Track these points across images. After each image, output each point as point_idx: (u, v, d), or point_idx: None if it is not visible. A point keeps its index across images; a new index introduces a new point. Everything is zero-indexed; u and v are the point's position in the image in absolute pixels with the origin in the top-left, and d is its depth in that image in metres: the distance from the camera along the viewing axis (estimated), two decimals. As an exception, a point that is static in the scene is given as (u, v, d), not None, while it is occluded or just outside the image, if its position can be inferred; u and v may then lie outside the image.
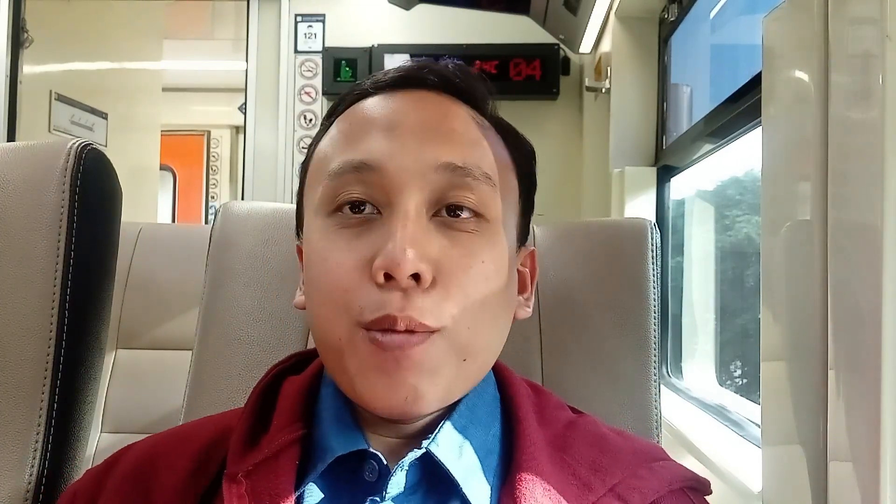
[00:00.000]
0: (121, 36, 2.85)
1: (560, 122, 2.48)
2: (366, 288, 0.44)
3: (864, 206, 0.50)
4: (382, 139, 0.47)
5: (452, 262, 0.45)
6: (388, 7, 2.27)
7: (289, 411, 0.50)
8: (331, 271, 0.45)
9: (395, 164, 0.45)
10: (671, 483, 0.48)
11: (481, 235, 0.47)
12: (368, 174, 0.46)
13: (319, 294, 0.47)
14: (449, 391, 0.46)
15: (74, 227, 0.65)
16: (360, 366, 0.44)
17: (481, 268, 0.46)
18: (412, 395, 0.43)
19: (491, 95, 0.53)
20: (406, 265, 0.42)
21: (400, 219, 0.44)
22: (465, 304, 0.45)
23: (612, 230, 0.76)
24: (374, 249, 0.44)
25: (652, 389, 0.71)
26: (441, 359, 0.44)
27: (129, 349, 1.41)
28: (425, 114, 0.48)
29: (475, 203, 0.46)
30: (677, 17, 1.62)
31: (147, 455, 0.51)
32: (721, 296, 1.55)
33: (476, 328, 0.45)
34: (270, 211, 0.78)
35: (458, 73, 0.51)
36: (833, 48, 0.55)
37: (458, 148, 0.47)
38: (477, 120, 0.50)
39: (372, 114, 0.49)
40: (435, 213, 0.46)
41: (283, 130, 2.58)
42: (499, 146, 0.51)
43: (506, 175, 0.50)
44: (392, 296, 0.43)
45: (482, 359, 0.48)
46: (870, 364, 0.48)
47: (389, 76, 0.51)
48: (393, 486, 0.45)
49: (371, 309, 0.43)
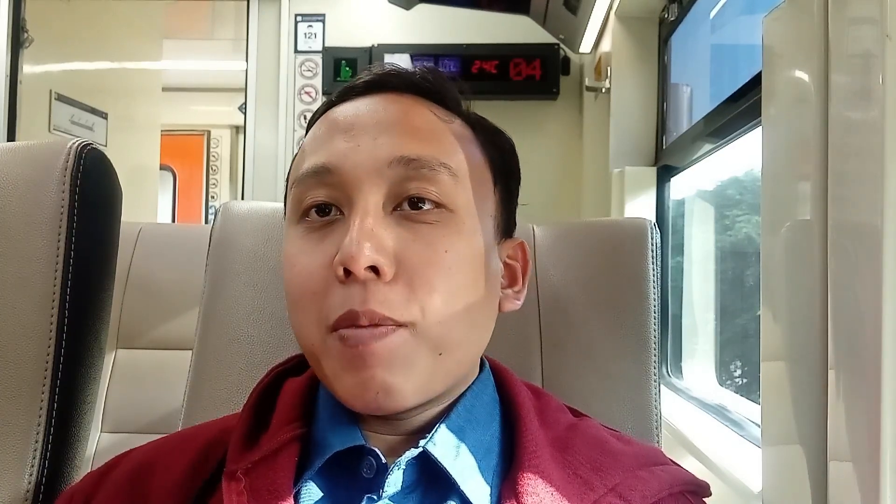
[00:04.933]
0: (121, 36, 2.85)
1: (560, 122, 2.48)
2: (332, 288, 0.44)
3: (864, 206, 0.50)
4: (341, 141, 0.47)
5: (414, 254, 0.45)
6: (388, 7, 2.27)
7: (288, 410, 0.50)
8: (299, 276, 0.46)
9: (351, 163, 0.46)
10: (671, 486, 0.49)
11: (444, 226, 0.47)
12: (328, 176, 0.47)
13: (292, 300, 0.48)
14: (426, 385, 0.46)
15: (74, 227, 0.65)
16: (334, 367, 0.45)
17: (444, 257, 0.46)
18: (383, 391, 0.44)
19: (464, 95, 0.54)
20: (361, 258, 0.42)
21: (357, 215, 0.45)
22: (432, 296, 0.45)
23: (612, 230, 0.76)
24: (338, 248, 0.44)
25: (652, 389, 0.71)
26: (412, 353, 0.44)
27: (129, 349, 1.41)
28: (383, 113, 0.49)
29: (436, 194, 0.47)
30: (677, 17, 1.62)
31: (146, 458, 0.51)
32: (721, 296, 1.55)
33: (448, 322, 0.45)
34: (270, 211, 0.78)
35: (424, 75, 0.52)
36: (833, 48, 0.55)
37: (414, 141, 0.47)
38: (442, 116, 0.51)
39: (336, 119, 0.50)
40: (396, 207, 0.47)
41: (283, 130, 2.58)
42: (468, 141, 0.52)
43: (476, 169, 0.51)
44: (354, 291, 0.43)
45: (461, 352, 0.48)
46: (870, 364, 0.48)
47: (353, 83, 0.52)
48: (390, 484, 0.45)
49: (335, 308, 0.44)
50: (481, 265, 0.49)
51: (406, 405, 0.45)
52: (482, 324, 0.50)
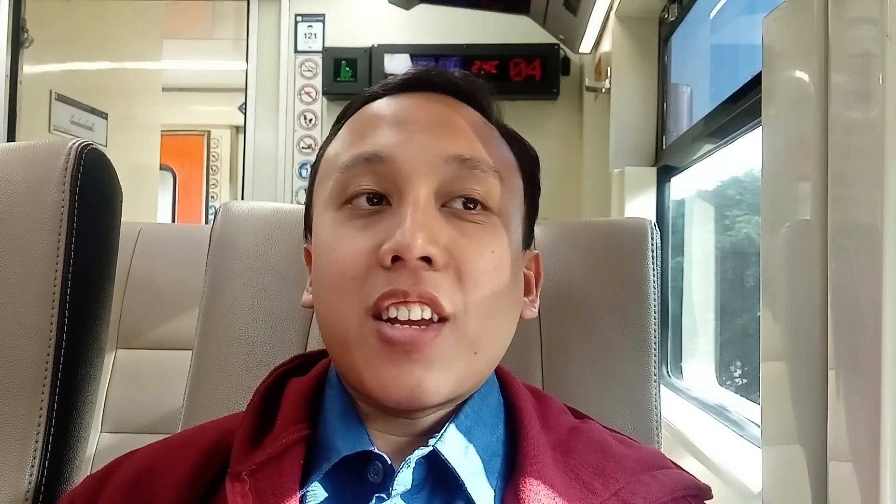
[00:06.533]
0: (121, 36, 2.85)
1: (560, 122, 2.48)
2: (373, 274, 0.44)
3: (864, 206, 0.50)
4: (392, 133, 0.48)
5: (464, 250, 0.45)
6: (388, 7, 2.27)
7: (293, 411, 0.50)
8: (339, 260, 0.46)
9: (406, 155, 0.46)
10: (673, 491, 0.49)
11: (489, 227, 0.47)
12: (379, 165, 0.47)
13: (327, 284, 0.47)
14: (458, 385, 0.46)
15: (74, 227, 0.65)
16: (368, 356, 0.44)
17: (491, 257, 0.46)
18: (419, 388, 0.43)
19: (495, 102, 0.54)
20: (416, 248, 0.42)
21: (410, 206, 0.45)
22: (477, 293, 0.45)
23: (613, 230, 0.76)
24: (384, 238, 0.44)
25: (652, 389, 0.71)
26: (453, 352, 0.44)
27: (129, 349, 1.41)
28: (434, 110, 0.50)
29: (483, 195, 0.47)
30: (677, 17, 1.62)
31: (148, 461, 0.51)
32: (721, 296, 1.55)
33: (487, 319, 0.46)
34: (270, 211, 0.78)
35: (465, 79, 0.53)
36: (833, 48, 0.55)
37: (467, 142, 0.48)
38: (484, 123, 0.52)
39: (382, 112, 0.50)
40: (444, 204, 0.47)
41: (283, 130, 2.58)
42: (504, 148, 0.53)
43: (511, 175, 0.52)
44: (401, 275, 0.43)
45: (491, 352, 0.48)
46: (870, 364, 0.48)
47: (398, 79, 0.52)
48: (399, 483, 0.45)
49: (378, 288, 0.44)
50: (516, 270, 0.50)
51: (436, 402, 0.45)
52: (510, 327, 0.50)
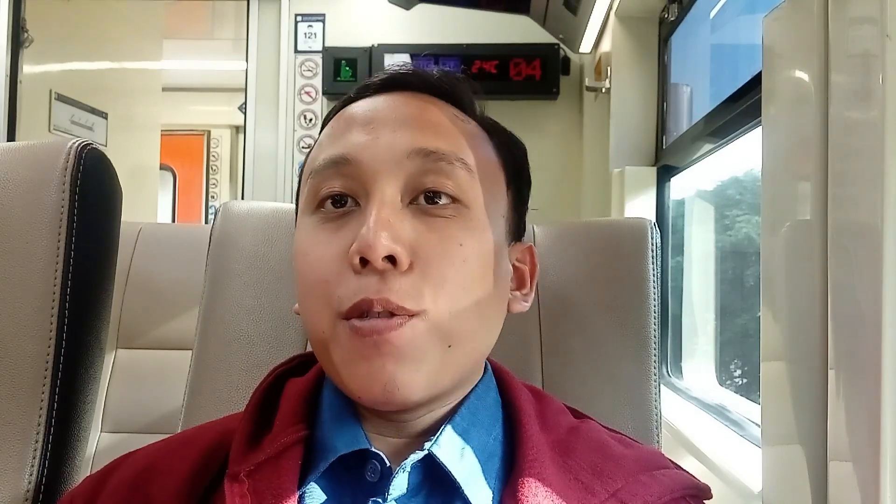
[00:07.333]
0: (120, 36, 2.84)
1: (560, 122, 2.48)
2: (345, 277, 0.45)
3: (864, 206, 0.50)
4: (360, 134, 0.48)
5: (429, 246, 0.45)
6: (388, 7, 2.27)
7: (292, 412, 0.50)
8: (312, 264, 0.47)
9: (369, 154, 0.47)
10: (673, 491, 0.49)
11: (459, 220, 0.47)
12: (346, 167, 0.47)
13: (304, 289, 0.48)
14: (435, 379, 0.45)
15: (74, 227, 0.65)
16: (343, 355, 0.45)
17: (459, 251, 0.46)
18: (391, 383, 0.43)
19: (479, 98, 0.55)
20: (379, 248, 0.43)
21: (375, 205, 0.45)
22: (445, 287, 0.45)
23: (612, 230, 0.76)
24: (352, 239, 0.44)
25: (652, 389, 0.71)
26: (424, 345, 0.44)
27: (129, 349, 1.41)
28: (402, 108, 0.50)
29: (452, 188, 0.47)
30: (677, 17, 1.62)
31: (147, 462, 0.51)
32: (721, 296, 1.55)
33: (458, 313, 0.46)
34: (270, 211, 0.78)
35: (441, 77, 0.53)
36: (833, 48, 0.55)
37: (432, 136, 0.48)
38: (459, 117, 0.52)
39: (354, 114, 0.50)
40: (412, 200, 0.47)
41: (283, 130, 2.58)
42: (483, 142, 0.52)
43: (490, 169, 0.51)
44: (369, 280, 0.44)
45: (469, 346, 0.48)
46: (870, 364, 0.48)
47: (373, 80, 0.53)
48: (395, 487, 0.45)
49: (349, 296, 0.44)
50: (492, 263, 0.49)
51: (414, 399, 0.45)
52: (491, 320, 0.50)
